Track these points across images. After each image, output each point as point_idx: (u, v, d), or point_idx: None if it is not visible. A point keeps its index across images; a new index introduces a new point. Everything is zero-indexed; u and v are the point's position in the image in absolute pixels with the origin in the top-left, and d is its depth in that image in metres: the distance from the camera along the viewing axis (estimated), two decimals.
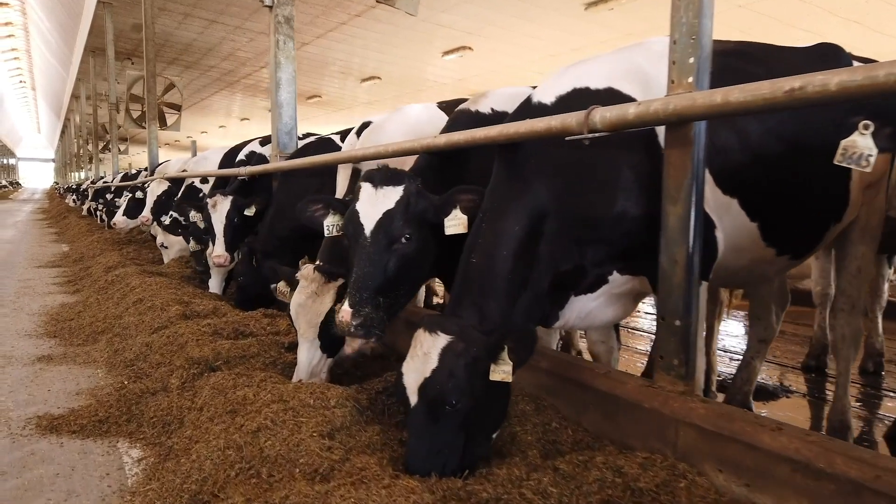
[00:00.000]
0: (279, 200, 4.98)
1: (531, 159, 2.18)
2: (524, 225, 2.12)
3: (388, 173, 2.42)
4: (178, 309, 4.13)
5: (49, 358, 3.95)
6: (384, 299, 2.33)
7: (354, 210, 2.40)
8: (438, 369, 1.96)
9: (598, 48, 17.24)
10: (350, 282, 2.29)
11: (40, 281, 7.17)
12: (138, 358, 3.65)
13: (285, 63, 5.13)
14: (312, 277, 2.95)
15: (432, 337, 2.01)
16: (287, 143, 5.21)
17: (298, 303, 2.96)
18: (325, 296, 2.93)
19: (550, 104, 2.22)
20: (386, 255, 2.32)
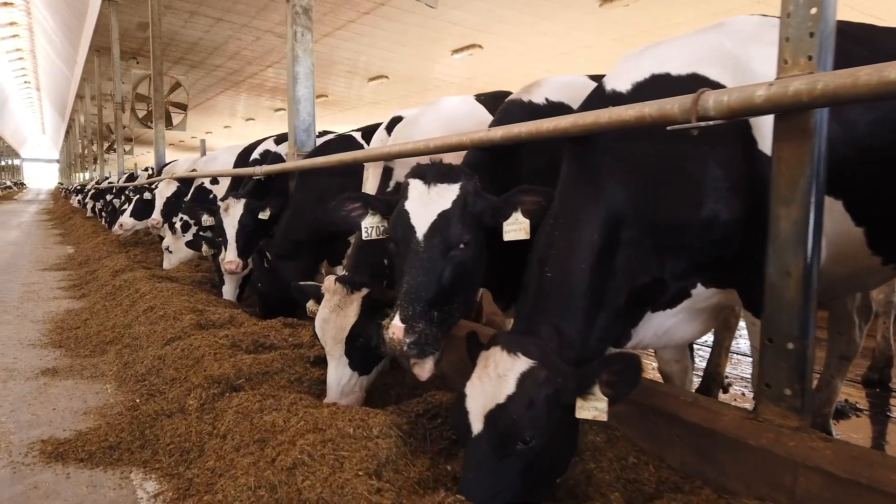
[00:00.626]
0: (296, 202, 4.71)
1: (605, 156, 1.89)
2: (601, 233, 1.84)
3: (442, 169, 2.13)
4: (192, 318, 3.85)
5: (54, 371, 3.67)
6: (438, 313, 2.04)
7: (403, 210, 2.11)
8: (515, 397, 1.68)
9: (611, 46, 16.96)
10: (400, 292, 2.00)
11: (45, 285, 6.91)
12: (150, 372, 3.37)
13: (303, 56, 4.85)
14: (335, 289, 2.66)
15: (511, 358, 1.73)
16: (305, 141, 4.92)
17: (322, 318, 2.68)
18: (348, 308, 2.65)
19: (626, 92, 1.93)
20: (441, 263, 2.03)
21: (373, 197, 2.43)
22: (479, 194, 2.13)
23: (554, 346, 1.78)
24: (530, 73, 20.39)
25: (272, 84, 25.68)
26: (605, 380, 1.69)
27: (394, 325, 1.97)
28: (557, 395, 1.69)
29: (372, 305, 2.66)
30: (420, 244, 2.04)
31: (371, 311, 2.66)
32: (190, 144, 43.06)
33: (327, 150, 4.67)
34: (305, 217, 4.63)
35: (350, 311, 2.64)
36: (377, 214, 2.37)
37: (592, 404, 1.70)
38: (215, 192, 7.21)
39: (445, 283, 2.04)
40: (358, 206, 2.40)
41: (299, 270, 4.65)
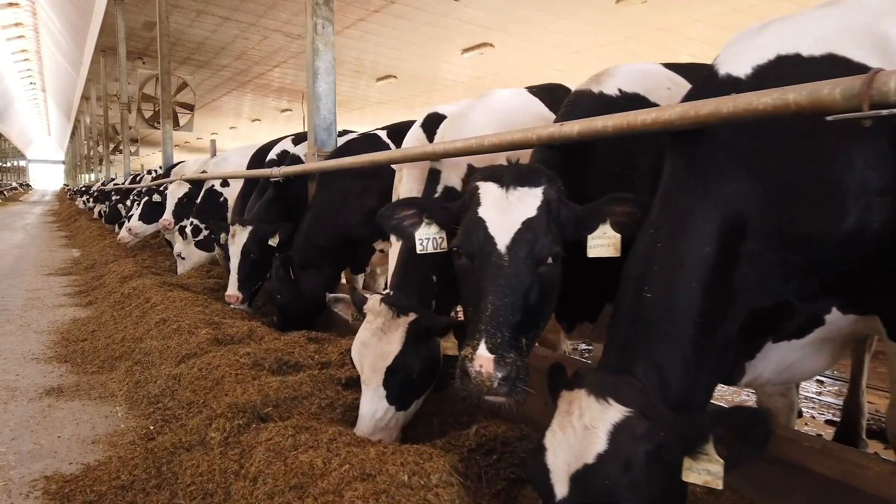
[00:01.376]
0: (318, 205, 4.40)
1: (721, 154, 1.57)
2: (716, 245, 1.52)
3: (521, 170, 1.82)
4: (209, 332, 3.54)
5: (59, 391, 3.37)
6: (525, 341, 1.73)
7: (478, 218, 1.79)
8: (607, 456, 1.36)
9: (625, 45, 16.62)
10: (480, 315, 1.68)
11: (50, 291, 6.63)
12: (164, 394, 3.07)
13: (324, 50, 4.54)
14: (379, 311, 2.34)
15: (600, 406, 1.41)
16: (326, 140, 4.62)
17: (362, 341, 2.36)
18: (392, 334, 2.33)
19: (746, 77, 1.61)
20: (529, 280, 1.72)
21: (430, 203, 2.11)
22: (563, 200, 1.82)
23: (653, 386, 1.46)
24: (540, 73, 20.06)
25: (278, 84, 25.46)
26: (719, 437, 1.36)
27: (480, 357, 1.64)
28: (660, 453, 1.37)
29: (418, 333, 2.34)
30: (503, 258, 1.72)
31: (417, 339, 2.34)
32: (195, 145, 42.92)
33: (350, 150, 4.37)
34: (328, 221, 4.33)
35: (394, 337, 2.32)
36: (434, 224, 2.05)
37: (704, 466, 1.37)
38: (226, 195, 6.92)
39: (533, 305, 1.73)
40: (411, 214, 2.08)
41: (320, 279, 4.35)
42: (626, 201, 1.75)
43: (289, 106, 29.73)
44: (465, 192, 1.94)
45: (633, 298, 1.57)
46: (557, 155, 2.04)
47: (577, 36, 16.30)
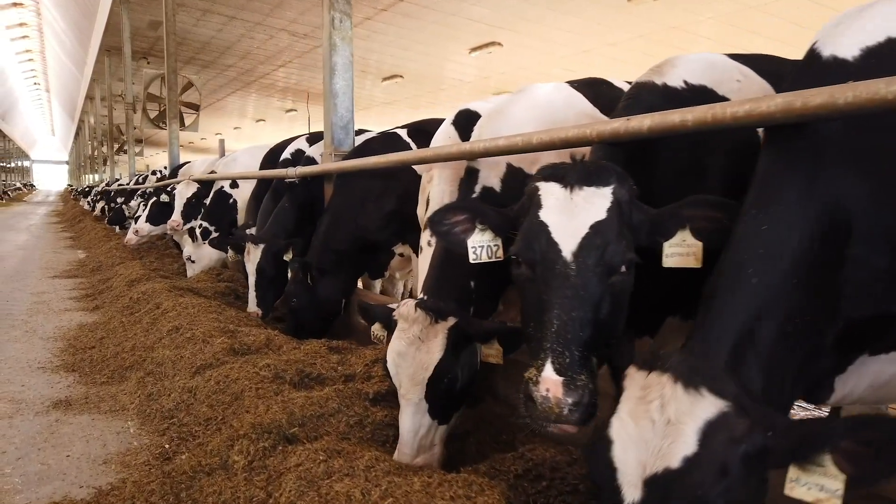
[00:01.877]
0: (336, 208, 4.22)
1: (828, 149, 1.38)
2: (819, 249, 1.33)
3: (587, 168, 1.62)
4: (224, 342, 3.35)
5: (67, 403, 3.19)
6: (596, 361, 1.54)
7: (539, 222, 1.60)
8: (699, 460, 1.13)
9: (635, 44, 16.39)
10: (546, 332, 1.49)
11: (55, 294, 6.46)
12: (179, 408, 2.88)
13: (341, 45, 4.36)
14: (415, 317, 2.15)
15: (689, 397, 1.18)
16: (343, 140, 4.43)
17: (398, 351, 2.17)
18: (432, 342, 2.14)
19: (854, 59, 1.41)
20: (600, 291, 1.53)
21: (484, 207, 1.91)
22: (635, 202, 1.62)
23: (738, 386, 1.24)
24: (548, 73, 19.87)
25: (283, 84, 25.31)
26: (845, 449, 1.13)
27: (546, 380, 1.45)
28: (763, 459, 1.16)
29: (459, 339, 2.16)
30: (569, 266, 1.53)
31: (458, 346, 2.16)
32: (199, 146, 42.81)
33: (369, 150, 4.18)
34: (346, 224, 4.14)
35: (434, 345, 2.13)
36: (488, 230, 1.85)
37: (816, 480, 1.15)
38: (236, 197, 6.75)
39: (605, 318, 1.53)
40: (463, 220, 1.88)
41: (338, 284, 4.17)
42: (711, 205, 1.55)
43: (293, 106, 29.58)
44: (526, 192, 1.74)
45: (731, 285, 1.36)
46: (621, 154, 1.84)
47: (587, 34, 16.08)
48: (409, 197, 4.10)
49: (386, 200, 4.10)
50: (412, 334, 2.15)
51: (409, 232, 4.19)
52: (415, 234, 4.22)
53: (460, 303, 2.30)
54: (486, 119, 2.60)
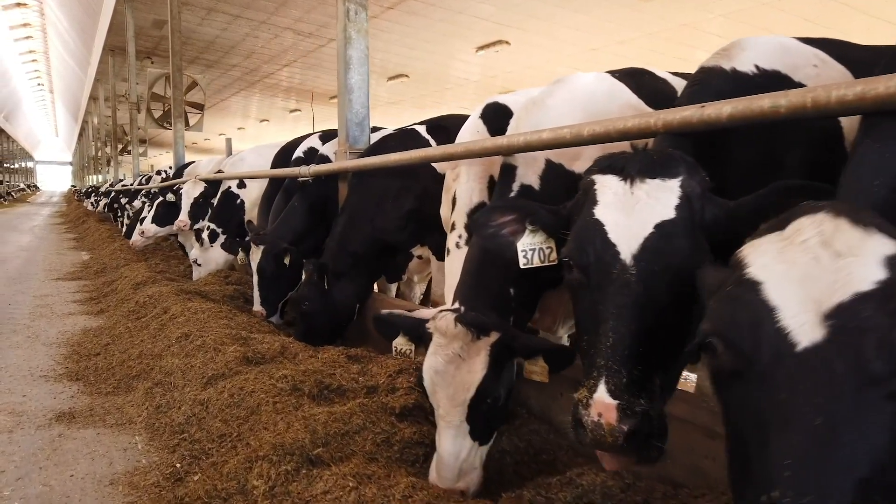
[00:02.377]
0: (351, 208, 4.02)
1: None
2: None
3: (652, 158, 1.43)
4: (237, 350, 3.16)
5: (71, 416, 3.00)
6: (661, 382, 1.34)
7: (594, 221, 1.41)
8: (890, 281, 0.89)
9: (645, 42, 16.18)
10: (600, 347, 1.30)
11: (59, 297, 6.29)
12: (190, 422, 2.69)
13: (357, 38, 4.17)
14: (455, 333, 1.95)
15: (858, 232, 0.95)
16: (358, 137, 4.24)
17: (435, 369, 1.97)
18: (474, 360, 1.94)
19: None
20: (664, 301, 1.33)
21: (534, 205, 1.71)
22: (708, 196, 1.42)
23: None
24: (555, 71, 19.63)
25: (287, 84, 25.17)
26: None
27: (599, 402, 1.26)
28: None
29: (501, 356, 1.96)
30: (629, 271, 1.33)
31: (500, 363, 1.96)
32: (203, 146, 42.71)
33: (387, 147, 3.99)
34: (362, 225, 3.95)
35: (476, 363, 1.93)
36: (540, 231, 1.65)
37: None
38: (243, 197, 6.56)
39: (672, 333, 1.33)
40: (511, 220, 1.69)
41: (354, 288, 3.97)
42: (805, 190, 1.33)
43: (297, 106, 29.44)
44: (580, 187, 1.54)
45: None
46: (690, 147, 1.64)
47: (596, 32, 15.89)
48: (428, 196, 3.91)
49: (404, 200, 3.91)
50: (452, 351, 1.95)
51: (428, 233, 4.00)
52: (435, 235, 4.04)
53: (499, 313, 2.11)
54: (524, 112, 2.41)
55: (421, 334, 2.09)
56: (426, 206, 3.91)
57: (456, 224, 2.76)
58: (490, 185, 2.80)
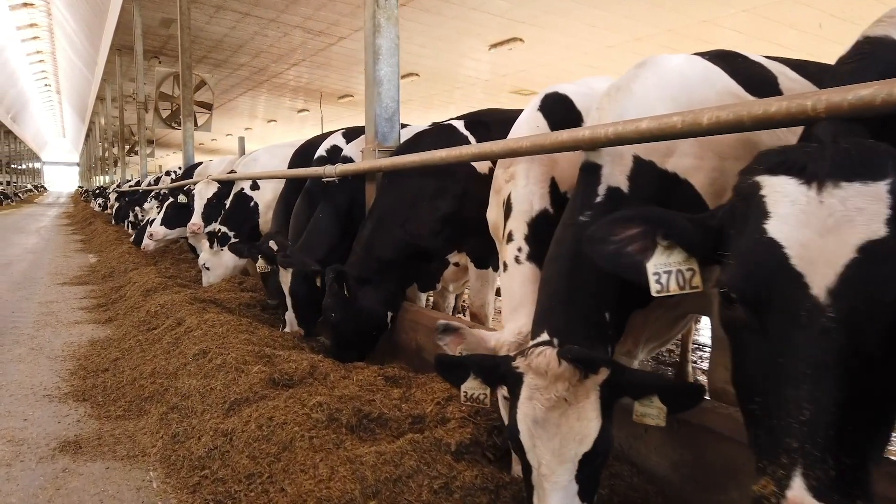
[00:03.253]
0: (381, 210, 3.68)
1: None
2: None
3: (848, 151, 1.07)
4: (262, 371, 2.83)
5: (77, 446, 2.67)
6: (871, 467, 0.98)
7: (766, 240, 1.05)
8: None
9: (663, 38, 15.77)
10: (788, 421, 0.95)
11: (65, 304, 5.98)
12: (212, 456, 2.35)
13: (386, 26, 3.83)
14: (557, 371, 1.58)
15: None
16: (388, 134, 3.90)
17: (534, 419, 1.58)
18: (583, 404, 1.57)
19: None
20: (881, 355, 0.97)
21: (671, 215, 1.34)
22: None
23: None
24: (568, 70, 19.29)
25: (295, 84, 24.91)
26: None
27: (797, 499, 0.91)
28: None
29: (612, 396, 1.60)
30: (826, 314, 0.98)
31: (610, 405, 1.60)
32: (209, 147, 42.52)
33: (421, 144, 3.65)
34: (393, 229, 3.61)
35: (587, 408, 1.55)
36: (676, 248, 1.29)
37: None
38: (256, 199, 6.23)
39: (891, 401, 0.98)
40: (637, 234, 1.33)
41: (382, 296, 3.63)
42: None
43: (305, 106, 29.19)
44: (738, 192, 1.19)
45: None
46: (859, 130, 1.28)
47: (613, 29, 15.50)
48: (467, 198, 3.57)
49: (441, 202, 3.57)
50: (555, 395, 1.57)
51: (466, 239, 3.66)
52: (474, 241, 3.69)
53: (596, 343, 1.75)
54: (607, 99, 2.05)
55: (504, 374, 1.73)
56: (465, 208, 3.57)
57: (514, 235, 2.41)
58: (552, 189, 2.46)
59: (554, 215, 2.39)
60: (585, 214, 1.91)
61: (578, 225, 1.90)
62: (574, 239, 1.88)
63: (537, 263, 2.27)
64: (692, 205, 2.00)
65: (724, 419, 1.85)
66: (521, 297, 2.25)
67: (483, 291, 3.72)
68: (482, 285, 3.72)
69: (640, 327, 2.21)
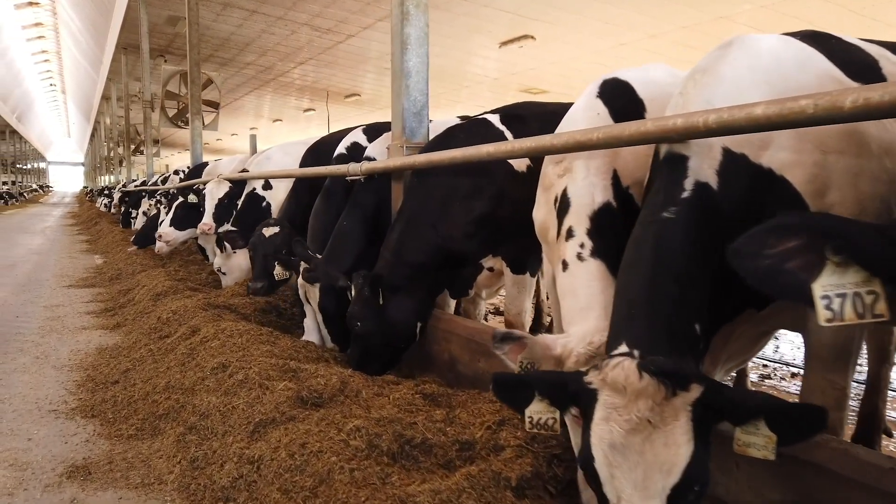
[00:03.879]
0: (411, 211, 3.43)
1: None
2: None
3: None
4: (289, 388, 2.57)
5: (86, 471, 2.42)
6: None
7: None
8: None
9: (678, 35, 15.47)
10: None
11: (71, 308, 5.75)
12: (237, 487, 2.10)
13: (415, 13, 3.58)
14: (639, 387, 1.33)
15: None
16: (416, 129, 3.65)
17: (611, 443, 1.34)
18: (672, 426, 1.32)
19: None
20: None
21: (841, 221, 1.08)
22: None
23: None
24: (580, 69, 19.01)
25: (300, 83, 24.70)
26: None
27: None
28: None
29: (706, 419, 1.35)
30: None
31: (705, 430, 1.35)
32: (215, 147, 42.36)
33: (454, 140, 3.40)
34: (424, 232, 3.35)
35: (676, 432, 1.31)
36: (852, 266, 1.03)
37: None
38: (269, 200, 5.99)
39: None
40: (798, 246, 1.07)
41: (413, 304, 3.38)
42: None
43: (311, 106, 28.98)
44: None
45: None
46: None
47: (627, 26, 15.21)
48: (504, 198, 3.32)
49: (475, 202, 3.31)
50: (636, 415, 1.33)
51: (503, 241, 3.41)
52: (510, 244, 3.44)
53: (687, 358, 1.50)
54: (692, 83, 1.79)
55: (575, 393, 1.48)
56: (501, 209, 3.31)
57: (574, 230, 2.15)
58: (614, 181, 2.21)
59: (617, 210, 2.15)
60: (670, 210, 1.66)
61: (661, 222, 1.65)
62: (656, 238, 1.63)
63: (603, 259, 2.04)
64: (790, 205, 1.75)
65: (838, 456, 1.59)
66: (587, 298, 2.00)
67: (520, 298, 3.46)
68: (519, 291, 3.46)
69: (722, 344, 1.95)
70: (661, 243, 1.61)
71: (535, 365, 1.85)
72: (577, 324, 1.97)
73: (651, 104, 2.40)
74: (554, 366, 1.87)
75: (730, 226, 1.67)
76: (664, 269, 1.57)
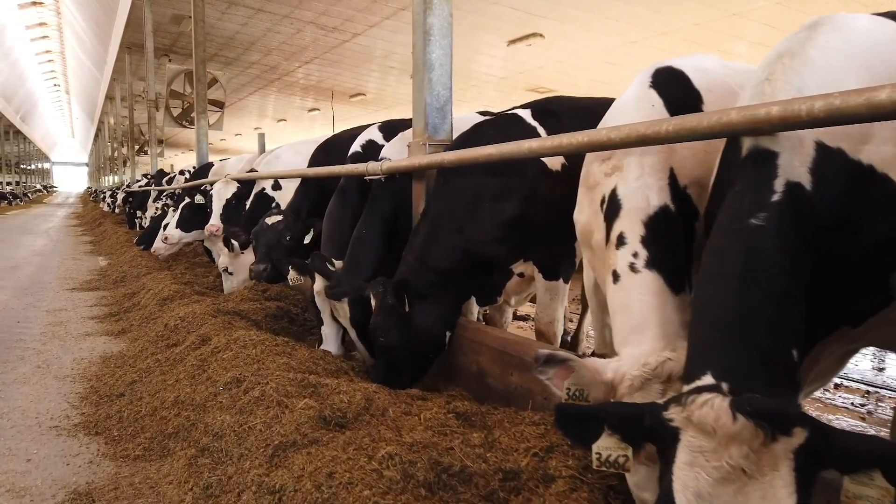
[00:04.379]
0: (436, 213, 3.21)
1: None
2: None
3: None
4: (310, 406, 2.36)
5: (90, 498, 2.21)
6: None
7: None
8: None
9: (689, 33, 15.23)
10: None
11: (74, 312, 5.56)
12: None
13: (439, 2, 3.37)
14: (732, 429, 1.11)
15: None
16: (439, 125, 3.43)
17: (696, 491, 1.12)
18: (771, 476, 1.11)
19: None
20: None
21: None
22: None
23: None
24: (588, 67, 18.80)
25: (305, 83, 24.54)
26: None
27: None
28: None
29: (812, 468, 1.13)
30: None
31: (809, 479, 1.14)
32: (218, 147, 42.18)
33: (482, 137, 3.18)
34: (449, 235, 3.14)
35: (777, 485, 1.10)
36: None
37: None
38: (279, 200, 5.79)
39: None
40: None
41: (440, 312, 3.17)
42: None
43: (315, 105, 28.81)
44: None
45: None
46: None
47: (636, 23, 14.96)
48: (536, 199, 3.10)
49: (506, 204, 3.09)
50: (728, 462, 1.12)
51: (534, 246, 3.19)
52: (542, 248, 3.22)
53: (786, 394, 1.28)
54: (780, 67, 1.57)
55: (651, 428, 1.27)
56: (533, 210, 3.10)
57: (626, 237, 1.93)
58: (671, 181, 1.99)
59: (675, 214, 1.93)
60: (759, 217, 1.43)
61: (749, 230, 1.43)
62: (745, 249, 1.42)
63: (659, 271, 1.82)
64: (892, 208, 1.53)
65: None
66: (642, 315, 1.78)
67: (552, 306, 3.25)
68: (551, 299, 3.24)
69: (809, 366, 1.73)
70: (752, 255, 1.40)
71: (585, 392, 1.64)
72: (630, 344, 1.75)
73: (708, 95, 2.19)
74: (605, 392, 1.66)
75: (824, 233, 1.46)
76: (756, 286, 1.35)
